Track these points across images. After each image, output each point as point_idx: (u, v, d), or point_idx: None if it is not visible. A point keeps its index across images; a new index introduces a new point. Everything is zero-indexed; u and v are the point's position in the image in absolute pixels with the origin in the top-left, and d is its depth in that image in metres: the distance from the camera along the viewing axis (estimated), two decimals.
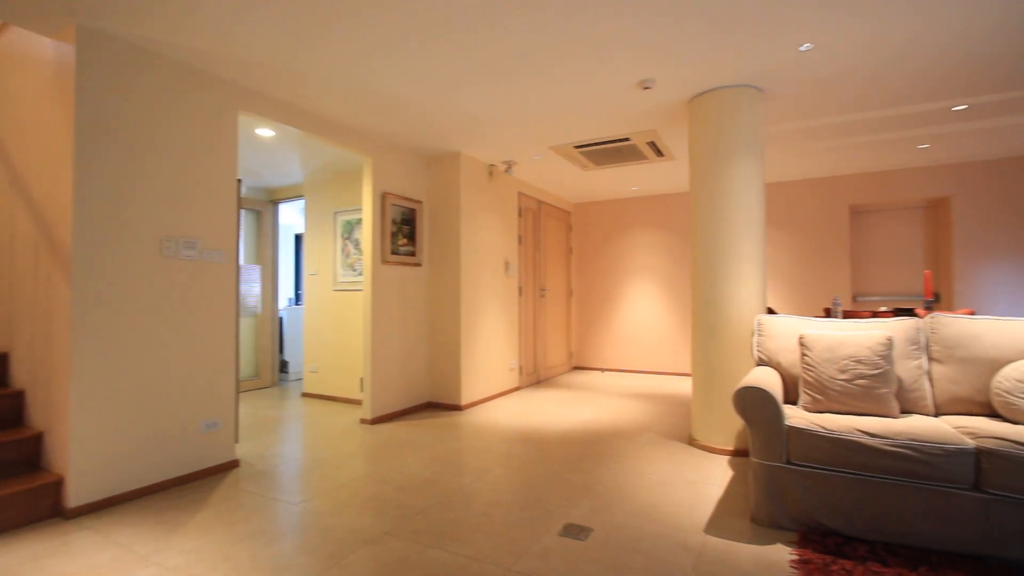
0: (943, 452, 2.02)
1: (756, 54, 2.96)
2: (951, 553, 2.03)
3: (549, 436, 3.83)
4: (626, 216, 7.09)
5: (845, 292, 5.82)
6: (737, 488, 2.78)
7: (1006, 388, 2.28)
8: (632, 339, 7.00)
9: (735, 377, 3.38)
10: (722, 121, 3.43)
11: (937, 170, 5.47)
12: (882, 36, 2.76)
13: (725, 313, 3.38)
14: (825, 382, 2.50)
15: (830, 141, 4.62)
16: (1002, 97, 3.63)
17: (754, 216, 3.39)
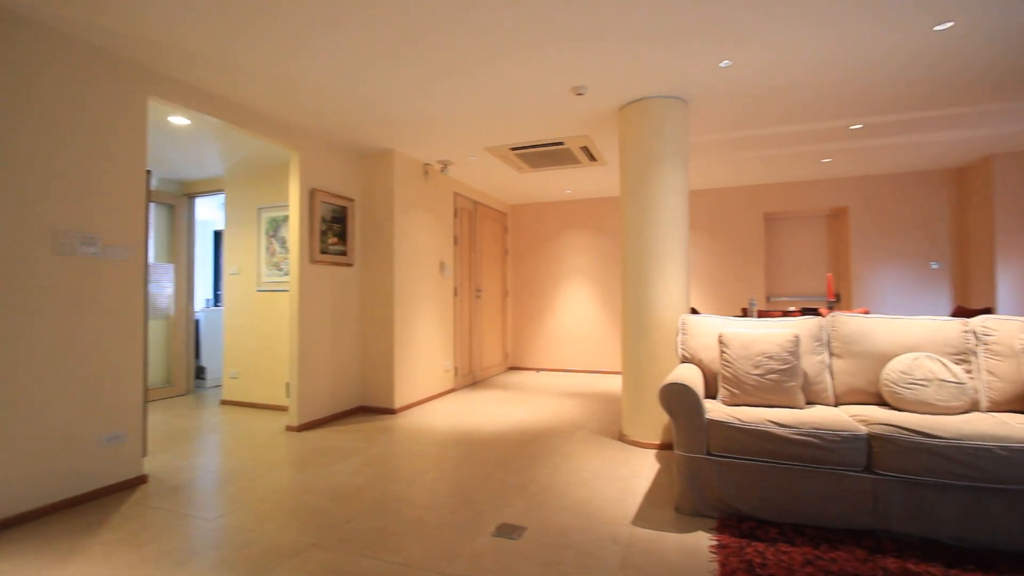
0: (841, 439, 2.22)
1: (680, 68, 3.12)
2: (847, 530, 2.23)
3: (484, 437, 3.82)
4: (561, 218, 7.24)
5: (760, 293, 6.26)
6: (663, 480, 2.91)
7: (892, 379, 2.55)
8: (566, 339, 7.15)
9: (662, 374, 3.53)
10: (650, 130, 3.58)
11: (838, 182, 6.02)
12: (791, 59, 3.00)
13: (652, 313, 3.54)
14: (741, 377, 2.67)
15: (747, 152, 4.95)
16: (891, 119, 4.05)
17: (679, 221, 3.57)
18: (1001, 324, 2.64)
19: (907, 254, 5.76)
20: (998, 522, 2.05)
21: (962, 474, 2.07)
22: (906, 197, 5.78)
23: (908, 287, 5.75)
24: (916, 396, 2.46)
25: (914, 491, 2.14)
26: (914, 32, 2.73)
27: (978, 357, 2.63)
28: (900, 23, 2.64)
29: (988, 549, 2.06)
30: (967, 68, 3.17)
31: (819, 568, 1.93)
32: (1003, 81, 3.36)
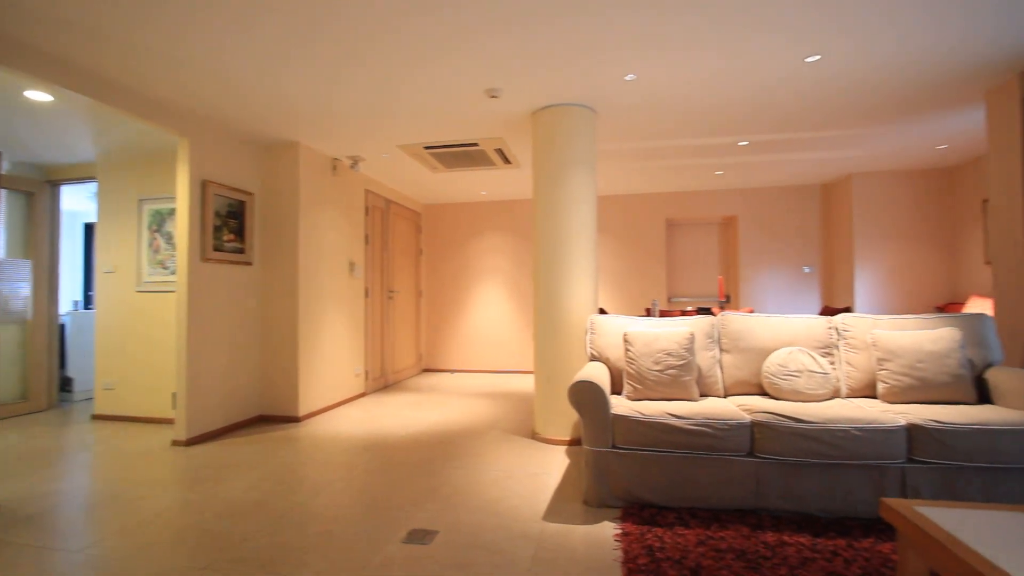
0: (729, 427, 2.43)
1: (589, 78, 3.24)
2: (734, 510, 2.44)
3: (396, 441, 3.73)
4: (476, 219, 7.25)
5: (662, 294, 6.69)
6: (573, 475, 3.00)
7: (771, 371, 2.83)
8: (481, 340, 7.18)
9: (572, 372, 3.65)
10: (561, 136, 3.69)
11: (729, 193, 6.59)
12: (688, 77, 3.23)
13: (563, 314, 3.65)
14: (644, 373, 2.83)
15: (652, 162, 5.27)
16: (771, 138, 4.50)
17: (588, 225, 3.71)
18: (857, 321, 3.03)
19: (785, 259, 6.44)
20: (855, 493, 2.35)
21: (827, 453, 2.35)
22: (785, 208, 6.46)
23: (786, 289, 6.43)
24: (790, 386, 2.76)
25: (788, 471, 2.39)
26: (789, 62, 3.06)
27: (839, 350, 2.99)
28: (778, 54, 2.94)
29: (847, 517, 2.36)
30: (832, 97, 3.60)
31: (710, 547, 2.09)
32: (861, 110, 3.86)
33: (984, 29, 2.71)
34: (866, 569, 1.92)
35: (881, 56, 3.00)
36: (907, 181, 5.68)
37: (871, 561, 1.97)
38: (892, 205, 5.70)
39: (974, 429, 2.28)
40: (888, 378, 2.73)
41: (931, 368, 2.65)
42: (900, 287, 5.66)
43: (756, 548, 2.08)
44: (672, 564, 1.96)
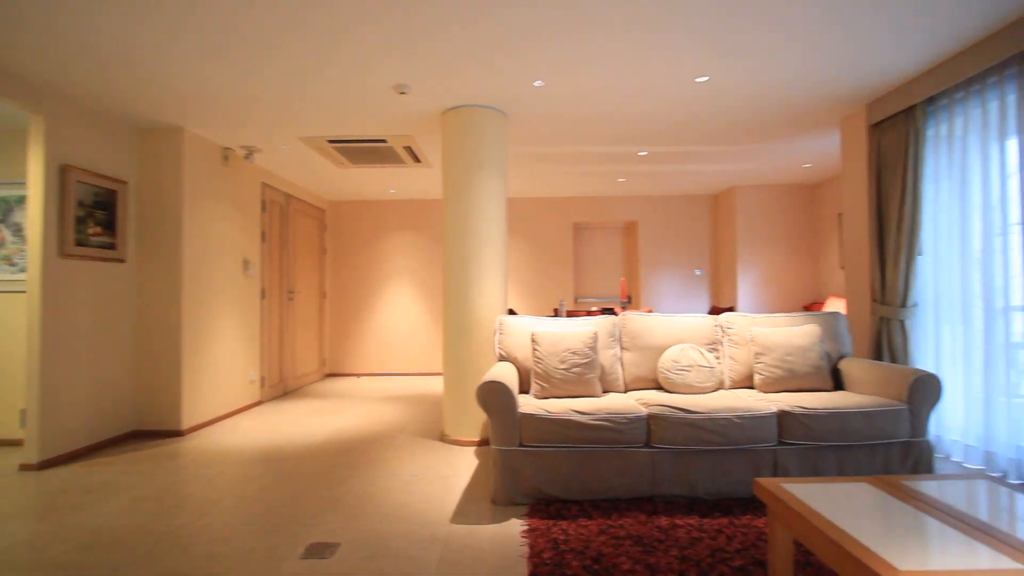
0: (628, 420, 2.57)
1: (499, 82, 3.28)
2: (632, 498, 2.58)
3: (295, 451, 3.51)
4: (385, 218, 7.04)
5: (570, 295, 6.94)
6: (481, 475, 3.01)
7: (666, 367, 3.04)
8: (390, 342, 6.98)
9: (481, 373, 3.67)
10: (471, 137, 3.70)
11: (630, 199, 6.99)
12: (590, 87, 3.38)
13: (472, 314, 3.65)
14: (550, 372, 2.91)
15: (560, 167, 5.44)
16: (667, 149, 4.84)
17: (498, 227, 3.75)
18: (738, 320, 3.34)
19: (680, 263, 6.96)
20: (735, 475, 2.59)
21: (712, 440, 2.56)
22: (680, 215, 6.97)
23: (681, 290, 6.95)
24: (682, 380, 2.98)
25: (680, 459, 2.58)
26: (682, 81, 3.30)
27: (724, 346, 3.28)
28: (671, 72, 3.17)
29: (730, 497, 2.59)
30: (719, 115, 3.95)
31: (610, 535, 2.20)
32: (743, 129, 4.27)
33: (839, 67, 3.12)
34: (744, 543, 2.12)
35: (758, 83, 3.34)
36: (781, 195, 6.38)
37: (748, 536, 2.18)
38: (768, 216, 6.37)
39: (830, 413, 2.60)
40: (763, 370, 3.04)
41: (797, 360, 2.99)
42: (775, 288, 6.34)
43: (651, 533, 2.22)
44: (576, 555, 2.03)
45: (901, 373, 2.72)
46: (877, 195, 3.69)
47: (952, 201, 3.21)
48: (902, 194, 3.42)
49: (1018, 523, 1.35)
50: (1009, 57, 2.74)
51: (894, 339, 3.49)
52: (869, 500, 1.51)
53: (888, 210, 3.56)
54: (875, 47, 2.91)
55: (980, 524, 1.35)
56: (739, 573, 1.89)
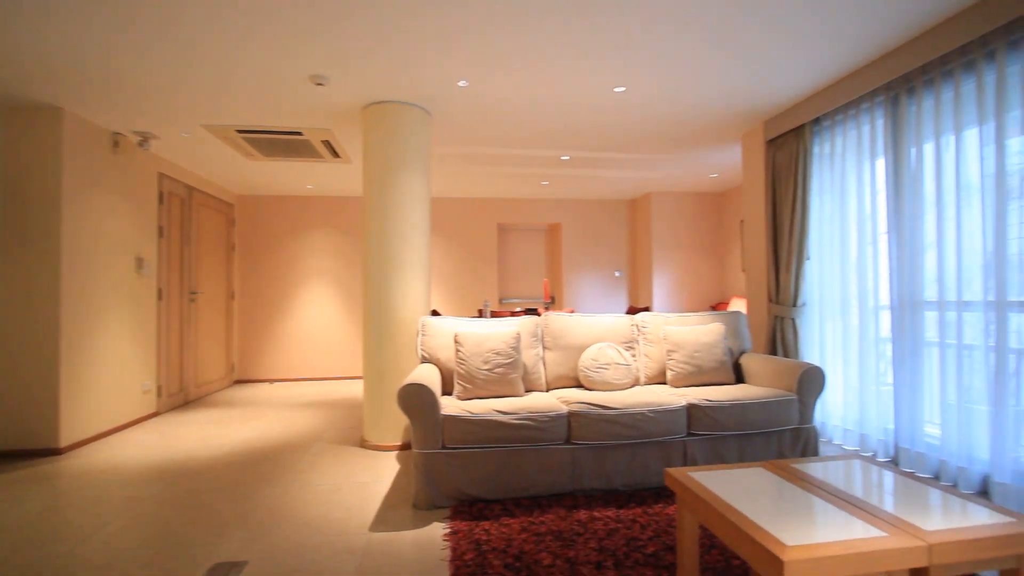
0: (549, 418, 2.62)
1: (423, 79, 3.23)
2: (554, 495, 2.64)
3: (197, 466, 3.24)
4: (302, 215, 6.69)
5: (494, 295, 6.97)
6: (403, 481, 2.94)
7: (586, 365, 3.14)
8: (307, 345, 6.64)
9: (403, 376, 3.59)
10: (394, 134, 3.61)
11: (553, 202, 7.15)
12: (515, 90, 3.42)
13: (394, 316, 3.56)
14: (473, 372, 2.91)
15: (485, 168, 5.45)
16: (588, 155, 5.00)
17: (421, 226, 3.69)
18: (652, 319, 3.52)
19: (601, 264, 7.22)
20: (650, 467, 2.72)
21: (628, 434, 2.68)
22: (600, 219, 7.24)
23: (601, 290, 7.21)
24: (601, 377, 3.09)
25: (599, 454, 2.67)
26: (601, 90, 3.43)
27: (640, 344, 3.45)
28: (591, 81, 3.28)
29: (645, 488, 2.72)
30: (636, 124, 4.14)
31: (531, 532, 2.23)
32: (657, 139, 4.51)
33: (739, 88, 3.38)
34: (657, 531, 2.23)
35: (670, 98, 3.54)
36: (691, 201, 6.81)
37: (660, 523, 2.31)
38: (681, 221, 6.78)
39: (732, 404, 2.81)
40: (675, 366, 3.22)
41: (704, 357, 3.20)
42: (686, 289, 6.76)
43: (571, 527, 2.28)
44: (497, 554, 2.04)
45: (792, 366, 2.99)
46: (773, 205, 4.05)
47: (834, 212, 3.59)
48: (793, 205, 3.77)
49: (885, 496, 1.54)
50: (877, 87, 3.11)
51: (787, 335, 3.84)
52: (763, 483, 1.64)
53: (782, 219, 3.92)
54: (769, 72, 3.19)
55: (854, 499, 1.51)
56: (651, 559, 1.99)
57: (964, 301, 2.69)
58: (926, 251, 2.90)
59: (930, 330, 2.90)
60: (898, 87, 3.03)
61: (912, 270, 2.95)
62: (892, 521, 1.35)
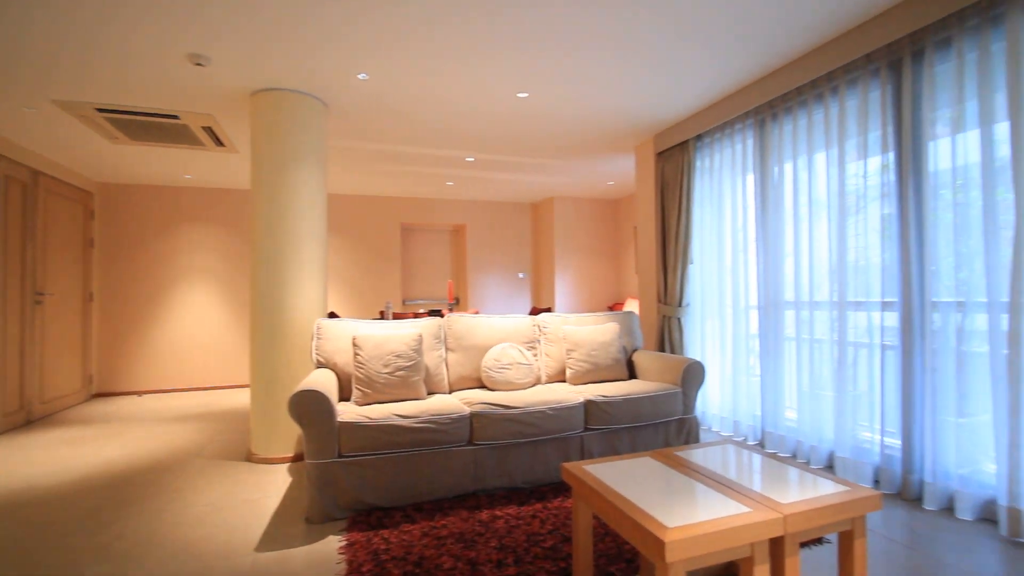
0: (451, 420, 2.60)
1: (319, 69, 3.06)
2: (456, 497, 2.62)
3: (42, 494, 2.79)
4: (178, 208, 6.04)
5: (397, 297, 6.80)
6: (295, 494, 2.76)
7: (488, 366, 3.17)
8: (184, 352, 6.00)
9: (296, 382, 3.37)
10: (287, 124, 3.38)
11: (459, 203, 7.13)
12: (419, 88, 3.36)
13: (286, 318, 3.34)
14: (373, 376, 2.81)
15: (388, 165, 5.30)
16: (493, 158, 5.06)
17: (317, 223, 3.49)
18: (552, 319, 3.64)
19: (505, 266, 7.32)
20: (549, 462, 2.80)
21: (529, 432, 2.74)
22: (506, 221, 7.34)
23: (506, 292, 7.32)
24: (503, 377, 3.13)
25: (501, 453, 2.71)
26: (505, 94, 3.49)
27: (541, 344, 3.54)
28: (496, 84, 3.32)
29: (545, 484, 2.80)
30: (538, 130, 4.26)
31: (433, 536, 2.20)
32: (558, 145, 4.68)
33: (631, 103, 3.61)
34: (556, 524, 2.30)
35: (569, 107, 3.69)
36: (591, 207, 7.15)
37: (559, 517, 2.38)
38: (581, 225, 7.09)
39: (625, 399, 2.99)
40: (573, 364, 3.35)
41: (601, 355, 3.37)
42: (586, 290, 7.08)
43: (473, 528, 2.28)
44: (397, 562, 1.98)
45: (676, 362, 3.25)
46: (661, 213, 4.37)
47: (713, 221, 3.96)
48: (679, 213, 4.10)
49: (751, 476, 1.72)
50: (748, 111, 3.48)
51: (673, 333, 4.17)
52: (649, 471, 1.76)
53: (669, 226, 4.24)
54: (660, 91, 3.45)
55: (726, 480, 1.67)
56: (550, 552, 2.05)
57: (815, 301, 3.10)
58: (786, 258, 3.30)
59: (789, 327, 3.30)
60: (764, 112, 3.41)
61: (775, 274, 3.34)
62: (756, 498, 1.52)
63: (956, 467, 2.39)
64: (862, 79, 2.77)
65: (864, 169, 2.80)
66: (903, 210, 2.60)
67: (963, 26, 2.33)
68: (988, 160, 2.26)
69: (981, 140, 2.28)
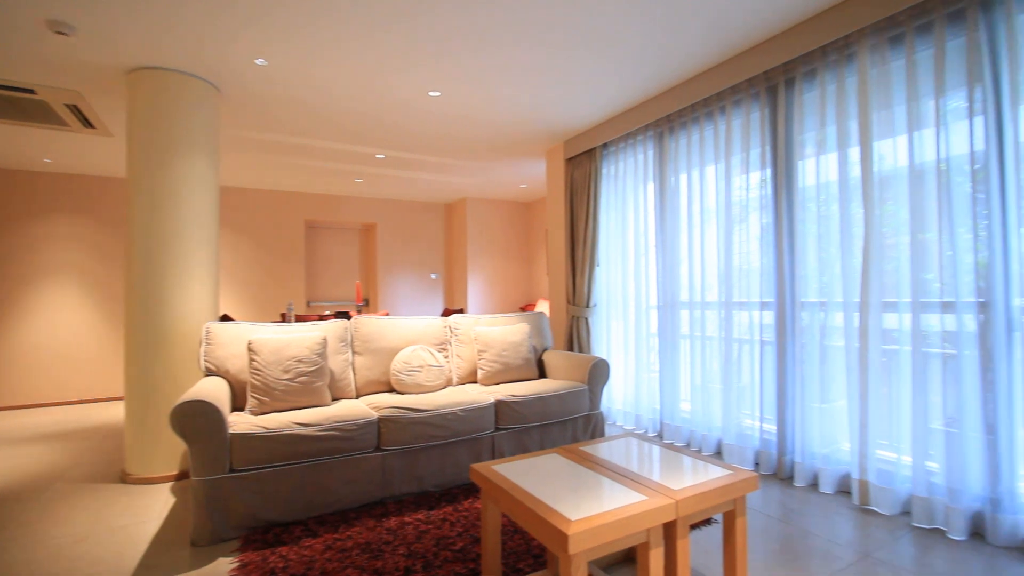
0: (358, 427, 2.50)
1: (209, 49, 2.81)
2: (363, 506, 2.53)
3: None
4: (36, 196, 5.26)
5: (301, 298, 6.42)
6: (180, 516, 2.51)
7: (397, 369, 3.09)
8: (41, 361, 5.23)
9: (181, 393, 3.07)
10: (172, 108, 3.07)
11: (368, 201, 6.89)
12: (325, 79, 3.20)
13: (169, 322, 3.02)
14: (271, 383, 2.62)
15: (290, 158, 4.98)
16: (404, 156, 4.94)
17: (207, 218, 3.20)
18: (464, 320, 3.63)
19: (417, 266, 7.19)
20: (460, 464, 2.79)
21: (440, 435, 2.70)
22: (417, 221, 7.21)
23: (418, 293, 7.18)
24: (413, 380, 3.07)
25: (410, 457, 2.65)
26: (417, 91, 3.42)
27: (452, 345, 3.52)
28: (406, 80, 3.25)
29: (456, 486, 2.77)
30: (450, 131, 4.23)
31: (336, 549, 2.09)
32: (470, 146, 4.67)
33: (541, 109, 3.71)
34: (466, 526, 2.29)
35: (483, 108, 3.71)
36: (505, 209, 7.23)
37: (469, 518, 2.38)
38: (495, 226, 7.14)
39: (535, 398, 3.05)
40: (485, 365, 3.37)
41: (511, 355, 3.41)
42: (499, 291, 7.14)
43: (380, 536, 2.21)
44: None
45: (583, 360, 3.37)
46: (571, 216, 4.53)
47: (618, 226, 4.17)
48: (586, 217, 4.27)
49: (649, 466, 1.82)
50: (649, 123, 3.71)
51: (581, 333, 4.33)
52: (556, 467, 1.81)
53: (578, 229, 4.40)
54: (570, 99, 3.57)
55: (627, 472, 1.76)
56: (460, 554, 2.04)
57: (706, 302, 3.37)
58: (681, 262, 3.55)
59: (684, 326, 3.55)
60: (663, 125, 3.65)
61: (671, 277, 3.58)
62: (652, 487, 1.61)
63: (820, 447, 2.71)
64: (745, 101, 3.06)
65: (747, 182, 3.10)
66: (778, 220, 2.91)
67: (825, 60, 2.66)
68: (844, 179, 2.59)
69: (839, 161, 2.61)
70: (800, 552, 2.06)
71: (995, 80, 2.11)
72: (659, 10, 2.54)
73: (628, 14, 2.57)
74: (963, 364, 2.16)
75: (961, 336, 2.17)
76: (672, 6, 2.51)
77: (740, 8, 2.54)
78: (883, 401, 2.48)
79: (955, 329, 2.19)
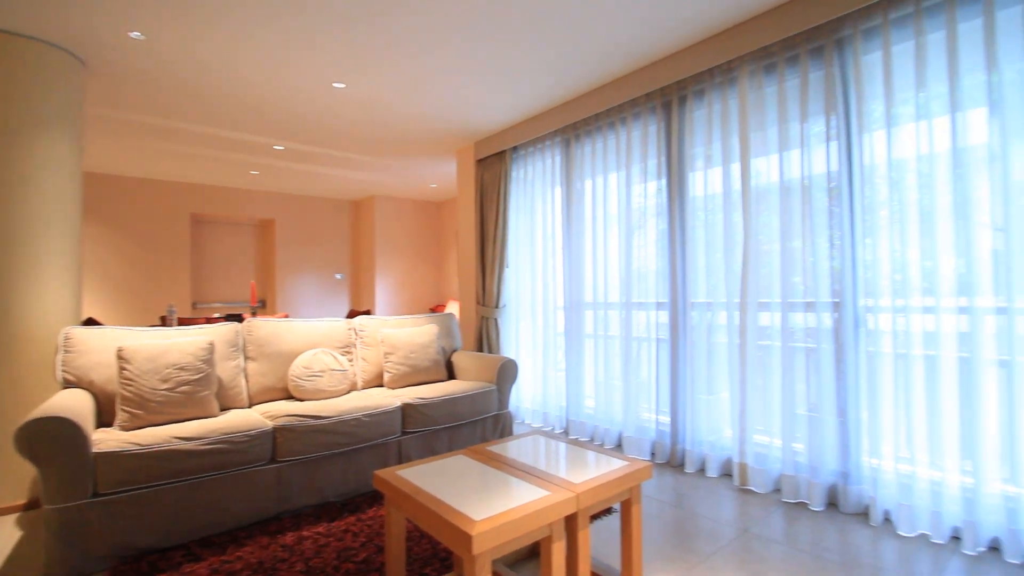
0: (249, 438, 2.32)
1: (71, 16, 2.46)
2: (256, 523, 2.34)
3: None
4: None
5: (185, 299, 5.84)
6: (26, 551, 2.16)
7: (296, 374, 2.91)
8: None
9: (32, 409, 2.65)
10: (24, 80, 2.65)
11: (266, 195, 6.43)
12: (211, 61, 2.93)
13: (18, 328, 2.60)
14: (146, 395, 2.35)
15: (172, 145, 4.51)
16: (307, 149, 4.67)
17: (67, 206, 2.80)
18: (370, 322, 3.50)
19: (321, 266, 6.83)
20: (365, 471, 2.68)
21: (343, 442, 2.58)
22: (321, 217, 6.85)
23: (321, 293, 6.82)
24: (313, 385, 2.90)
25: (310, 468, 2.50)
26: (319, 81, 3.25)
27: (357, 348, 3.38)
28: (307, 68, 3.07)
29: (360, 494, 2.66)
30: (356, 125, 4.07)
31: (223, 572, 1.92)
32: (376, 143, 4.53)
33: (450, 108, 3.68)
34: (369, 536, 2.21)
35: (390, 103, 3.61)
36: (414, 208, 7.09)
37: (373, 527, 2.29)
38: (404, 225, 6.98)
39: (443, 400, 3.02)
40: (391, 368, 3.27)
41: (419, 357, 3.35)
42: (408, 292, 6.99)
43: (275, 554, 2.06)
44: None
45: (492, 361, 3.40)
46: (481, 218, 4.55)
47: (526, 228, 4.25)
48: (496, 219, 4.31)
49: (555, 462, 1.87)
50: (556, 129, 3.83)
51: (491, 333, 4.36)
52: (462, 468, 1.80)
53: (488, 230, 4.43)
54: (479, 100, 3.58)
55: (532, 469, 1.80)
56: (363, 565, 1.96)
57: (609, 302, 3.54)
58: (586, 264, 3.70)
59: (589, 325, 3.71)
60: (570, 132, 3.79)
61: (577, 278, 3.72)
62: (556, 482, 1.66)
63: (707, 435, 2.96)
64: (644, 114, 3.26)
65: (645, 191, 3.30)
66: (672, 227, 3.13)
67: (712, 81, 2.91)
68: (728, 191, 2.85)
69: (723, 174, 2.86)
70: (690, 533, 2.23)
71: (846, 110, 2.43)
72: (574, 11, 2.63)
73: (536, 19, 2.63)
74: (821, 356, 2.47)
75: (820, 332, 2.47)
76: (579, 15, 2.60)
77: (641, 25, 2.70)
78: (759, 391, 2.76)
79: (815, 326, 2.50)
